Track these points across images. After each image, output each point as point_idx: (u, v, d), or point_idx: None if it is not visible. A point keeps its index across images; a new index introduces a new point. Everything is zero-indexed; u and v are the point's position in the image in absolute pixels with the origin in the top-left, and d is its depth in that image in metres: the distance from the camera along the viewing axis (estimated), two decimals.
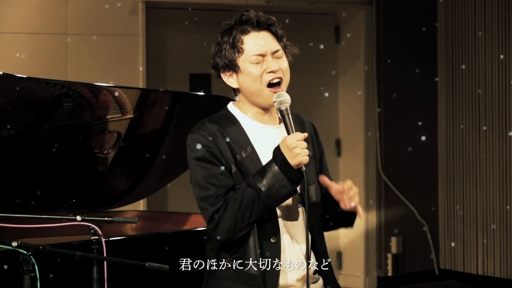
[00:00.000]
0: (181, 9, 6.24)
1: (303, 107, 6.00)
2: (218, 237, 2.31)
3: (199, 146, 2.33)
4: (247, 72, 2.35)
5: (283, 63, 2.38)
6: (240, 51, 2.34)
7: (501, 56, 6.58)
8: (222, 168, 2.32)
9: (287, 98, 2.34)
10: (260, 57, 2.34)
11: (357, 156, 6.85)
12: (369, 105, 6.81)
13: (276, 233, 2.35)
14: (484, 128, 6.72)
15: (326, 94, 6.85)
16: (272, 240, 2.34)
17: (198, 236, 3.58)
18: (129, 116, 3.79)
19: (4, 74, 3.21)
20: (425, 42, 6.98)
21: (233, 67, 2.36)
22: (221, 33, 2.38)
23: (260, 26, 2.36)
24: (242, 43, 2.34)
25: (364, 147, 6.81)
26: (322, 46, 6.75)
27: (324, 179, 2.38)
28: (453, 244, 6.97)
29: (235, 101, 2.46)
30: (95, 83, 3.80)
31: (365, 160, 6.82)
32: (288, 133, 2.32)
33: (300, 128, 2.45)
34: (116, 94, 3.66)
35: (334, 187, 2.35)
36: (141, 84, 5.69)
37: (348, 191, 2.32)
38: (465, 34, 6.84)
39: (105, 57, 5.63)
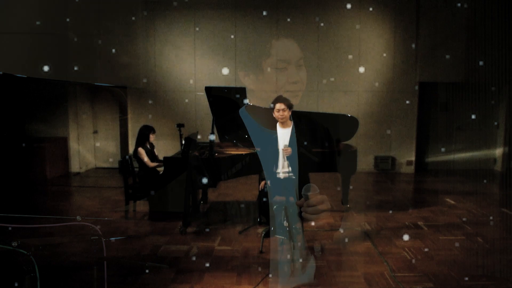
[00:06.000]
0: (181, 9, 6.25)
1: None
2: None
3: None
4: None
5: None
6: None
7: None
8: None
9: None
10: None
11: None
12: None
13: None
14: None
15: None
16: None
17: None
18: None
19: (4, 74, 3.21)
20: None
21: None
22: None
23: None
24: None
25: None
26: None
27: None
28: None
29: (247, 105, 2.63)
30: (98, 83, 3.81)
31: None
32: None
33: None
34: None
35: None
36: (140, 84, 5.70)
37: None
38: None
39: (106, 57, 5.64)
